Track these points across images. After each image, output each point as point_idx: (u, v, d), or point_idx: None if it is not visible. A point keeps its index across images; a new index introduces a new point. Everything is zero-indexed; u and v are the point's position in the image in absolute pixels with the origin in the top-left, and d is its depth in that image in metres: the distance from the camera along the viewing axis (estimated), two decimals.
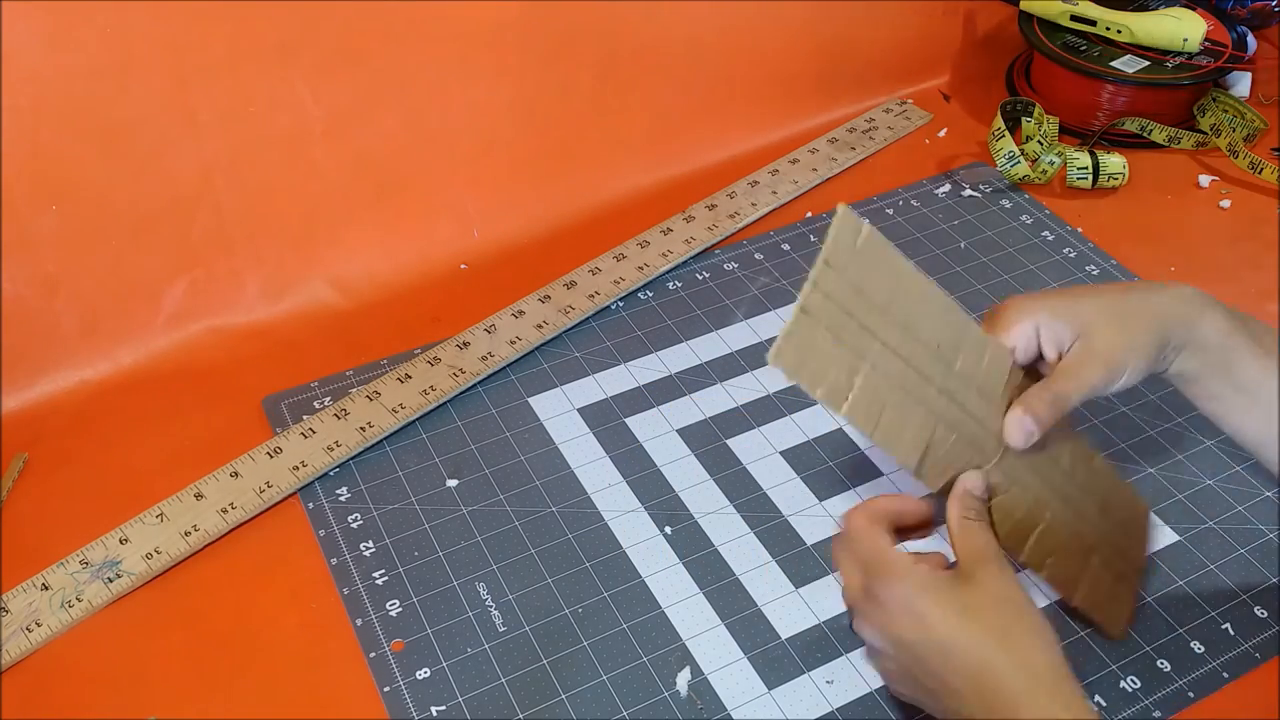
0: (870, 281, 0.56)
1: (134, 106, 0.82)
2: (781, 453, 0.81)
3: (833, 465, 0.80)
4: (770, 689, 0.67)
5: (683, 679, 0.67)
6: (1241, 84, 1.13)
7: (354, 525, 0.77)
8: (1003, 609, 0.55)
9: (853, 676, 0.67)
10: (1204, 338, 0.62)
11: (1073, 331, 0.61)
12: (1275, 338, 0.63)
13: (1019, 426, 0.59)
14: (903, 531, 0.60)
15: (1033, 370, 0.63)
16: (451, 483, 0.79)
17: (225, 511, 0.76)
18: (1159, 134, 1.07)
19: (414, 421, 0.83)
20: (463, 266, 0.97)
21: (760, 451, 0.81)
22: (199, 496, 0.77)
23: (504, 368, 0.87)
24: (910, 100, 1.16)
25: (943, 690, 0.56)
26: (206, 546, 0.75)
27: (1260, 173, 1.03)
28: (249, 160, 0.88)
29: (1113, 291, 0.63)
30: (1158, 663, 0.68)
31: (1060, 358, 0.61)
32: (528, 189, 1.01)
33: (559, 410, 0.84)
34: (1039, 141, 1.05)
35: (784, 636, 0.69)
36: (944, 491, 0.60)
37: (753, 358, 0.88)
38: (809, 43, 1.10)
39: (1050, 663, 0.54)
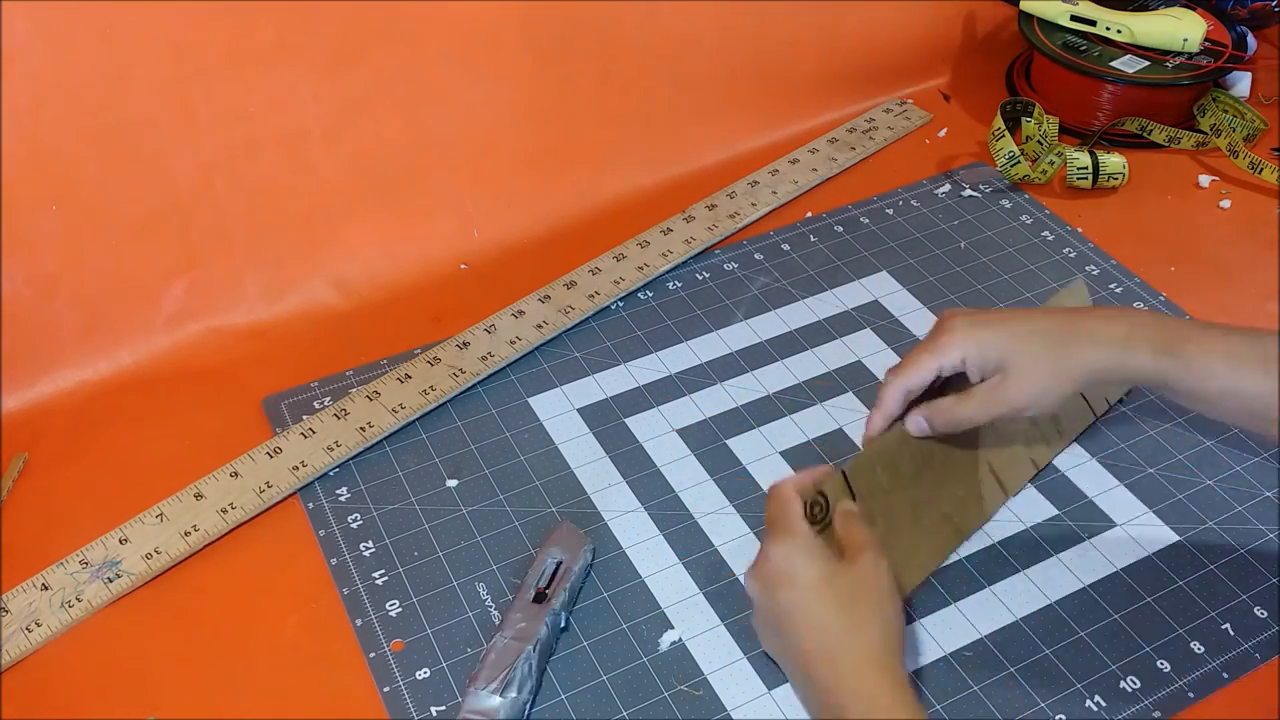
0: None
1: (134, 106, 0.83)
2: (781, 453, 0.81)
3: (833, 466, 0.79)
4: (770, 689, 0.67)
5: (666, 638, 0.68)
6: (1241, 84, 1.13)
7: (354, 525, 0.77)
8: (857, 587, 0.61)
9: None
10: (1137, 372, 0.64)
11: (996, 364, 0.65)
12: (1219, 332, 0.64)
13: (914, 424, 0.68)
14: None
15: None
16: (451, 483, 0.79)
17: (225, 511, 0.76)
18: (1159, 134, 1.07)
19: (414, 421, 0.83)
20: (463, 266, 0.97)
21: (760, 451, 0.81)
22: (199, 496, 0.77)
23: (504, 368, 0.87)
24: (910, 100, 1.16)
25: (793, 648, 0.60)
26: (206, 546, 0.75)
27: (1260, 173, 1.03)
28: (249, 160, 0.88)
29: (1042, 333, 0.65)
30: (1158, 663, 0.68)
31: (981, 379, 0.66)
32: (528, 189, 1.01)
33: (559, 410, 0.84)
34: (1039, 141, 1.05)
35: None
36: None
37: (753, 358, 0.88)
38: (809, 43, 1.10)
39: (884, 644, 0.59)
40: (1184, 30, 1.07)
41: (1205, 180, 1.04)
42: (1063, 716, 0.65)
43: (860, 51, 1.13)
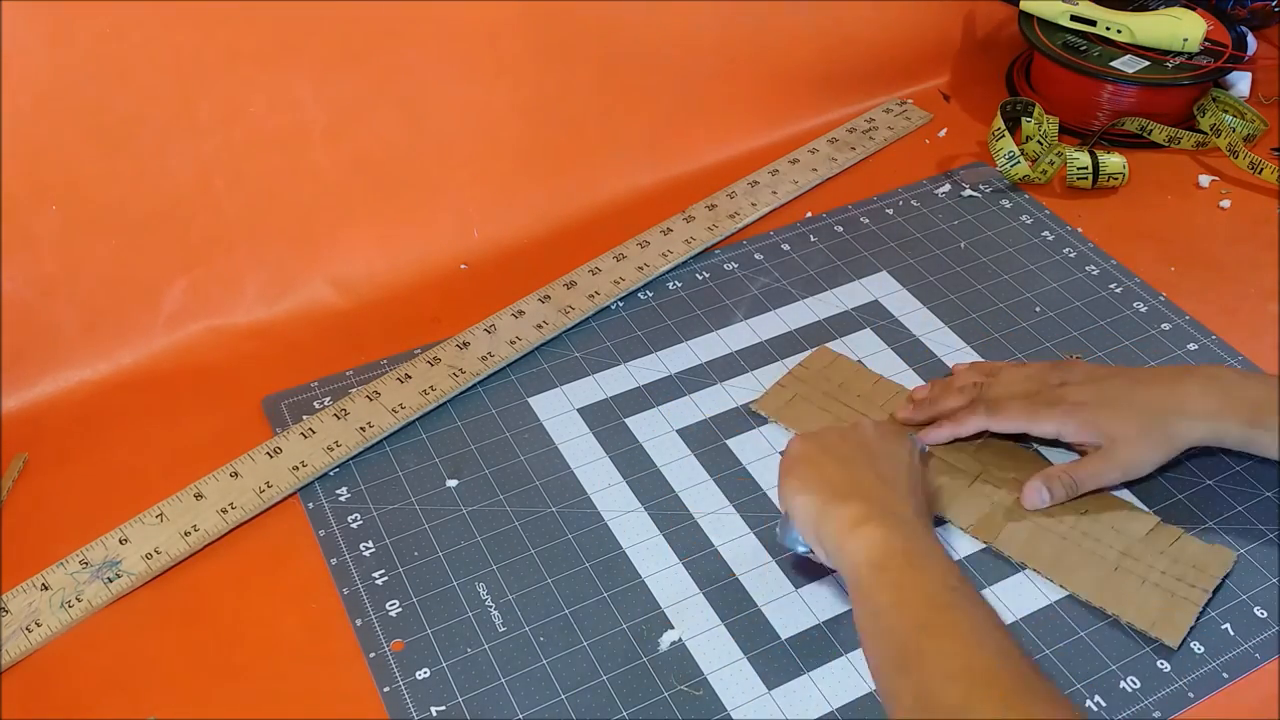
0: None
1: (134, 106, 0.83)
2: (781, 453, 0.80)
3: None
4: (770, 689, 0.67)
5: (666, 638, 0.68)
6: (1241, 84, 1.13)
7: (354, 525, 0.77)
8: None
9: (852, 676, 0.67)
10: (1227, 442, 0.74)
11: (1097, 442, 0.74)
12: None
13: (1036, 493, 0.74)
14: None
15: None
16: (451, 483, 0.79)
17: (225, 511, 0.76)
18: (1159, 134, 1.07)
19: (414, 421, 0.83)
20: (463, 266, 0.97)
21: (759, 451, 0.81)
22: (199, 496, 0.77)
23: (504, 368, 0.87)
24: (910, 100, 1.16)
25: (852, 472, 0.67)
26: (206, 546, 0.75)
27: (1260, 173, 1.03)
28: (249, 160, 0.88)
29: (1140, 409, 0.74)
30: (1158, 663, 0.68)
31: (1085, 450, 0.76)
32: (528, 189, 1.01)
33: (559, 410, 0.84)
34: (1039, 141, 1.05)
35: (784, 636, 0.69)
36: None
37: (753, 358, 0.88)
38: (809, 43, 1.10)
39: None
40: (1184, 30, 1.07)
41: (1205, 180, 1.04)
42: None
43: (860, 51, 1.13)
